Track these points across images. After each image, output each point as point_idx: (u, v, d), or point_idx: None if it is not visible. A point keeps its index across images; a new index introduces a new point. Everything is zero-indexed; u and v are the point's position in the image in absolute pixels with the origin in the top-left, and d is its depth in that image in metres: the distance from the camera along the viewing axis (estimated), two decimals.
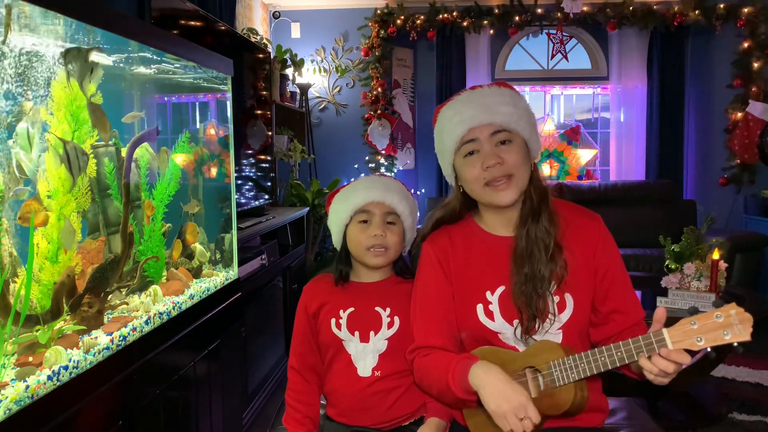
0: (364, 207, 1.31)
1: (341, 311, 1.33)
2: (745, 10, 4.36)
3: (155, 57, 1.60)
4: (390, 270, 1.38)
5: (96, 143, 1.30)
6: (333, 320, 1.32)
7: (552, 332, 1.17)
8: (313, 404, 1.37)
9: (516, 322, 1.17)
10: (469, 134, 1.16)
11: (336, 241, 1.37)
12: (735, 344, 0.96)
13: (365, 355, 1.30)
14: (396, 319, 1.31)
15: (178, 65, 1.75)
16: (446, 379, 1.12)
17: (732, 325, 0.95)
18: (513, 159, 1.15)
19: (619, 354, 1.03)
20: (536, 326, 1.16)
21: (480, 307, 1.20)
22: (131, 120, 1.51)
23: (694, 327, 0.97)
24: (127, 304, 1.46)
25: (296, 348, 1.38)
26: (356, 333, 1.31)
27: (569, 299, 1.17)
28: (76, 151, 1.20)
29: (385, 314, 1.32)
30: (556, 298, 1.17)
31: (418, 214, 1.41)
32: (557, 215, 1.19)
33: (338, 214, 1.34)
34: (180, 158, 1.76)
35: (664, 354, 0.98)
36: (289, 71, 4.41)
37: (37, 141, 1.14)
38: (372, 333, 1.31)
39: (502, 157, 1.14)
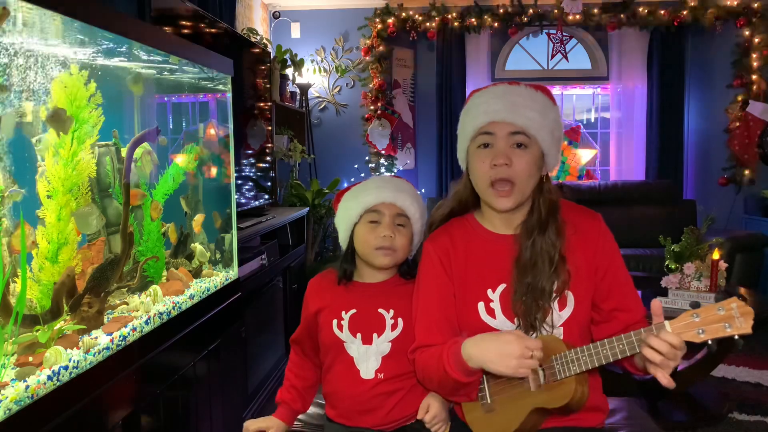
0: (374, 207, 1.29)
1: (343, 312, 1.31)
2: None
3: (155, 56, 1.60)
4: (394, 270, 1.36)
5: (96, 143, 1.30)
6: (335, 321, 1.31)
7: (553, 329, 1.17)
8: (306, 378, 1.40)
9: (517, 319, 1.17)
10: (488, 127, 1.15)
11: (343, 239, 1.35)
12: (736, 337, 0.96)
13: (368, 358, 1.29)
14: (400, 320, 1.29)
15: (177, 64, 1.75)
16: (443, 366, 1.13)
17: (733, 318, 0.96)
18: (522, 165, 1.14)
19: (621, 346, 1.03)
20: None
21: (481, 305, 1.20)
22: None
23: (696, 320, 0.98)
24: (127, 304, 1.46)
25: (299, 331, 1.39)
26: (358, 335, 1.29)
27: (570, 297, 1.18)
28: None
29: (388, 316, 1.30)
30: (557, 296, 1.17)
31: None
32: (565, 224, 1.18)
33: (347, 212, 1.32)
34: (180, 159, 1.76)
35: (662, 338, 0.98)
36: (289, 71, 4.41)
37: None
38: (375, 335, 1.29)
39: (512, 160, 1.13)
